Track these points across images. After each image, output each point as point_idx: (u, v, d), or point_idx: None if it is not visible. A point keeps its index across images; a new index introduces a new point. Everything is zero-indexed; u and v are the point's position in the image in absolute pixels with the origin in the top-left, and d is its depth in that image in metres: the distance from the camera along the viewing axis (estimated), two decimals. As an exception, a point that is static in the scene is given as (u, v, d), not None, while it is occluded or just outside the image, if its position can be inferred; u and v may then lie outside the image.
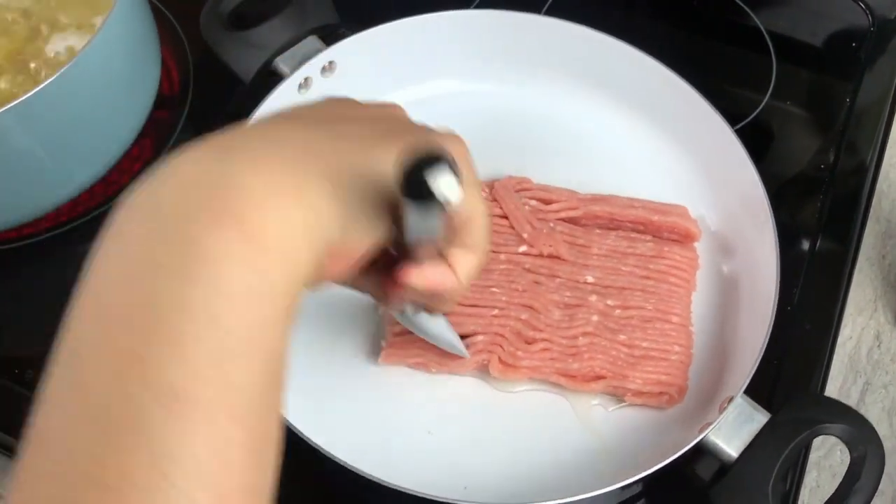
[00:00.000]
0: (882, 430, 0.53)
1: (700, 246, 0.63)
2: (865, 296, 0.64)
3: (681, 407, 0.57)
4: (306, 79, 0.63)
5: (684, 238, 0.62)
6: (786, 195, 0.65)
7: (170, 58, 0.71)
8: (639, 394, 0.56)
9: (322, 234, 0.34)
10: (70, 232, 0.63)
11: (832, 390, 0.59)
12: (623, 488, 0.50)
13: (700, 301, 0.61)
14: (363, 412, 0.56)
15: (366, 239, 0.37)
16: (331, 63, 0.63)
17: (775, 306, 0.54)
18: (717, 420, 0.50)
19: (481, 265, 0.43)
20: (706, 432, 0.50)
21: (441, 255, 0.42)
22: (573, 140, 0.67)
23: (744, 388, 0.51)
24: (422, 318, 0.51)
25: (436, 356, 0.56)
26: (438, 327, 0.52)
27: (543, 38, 0.65)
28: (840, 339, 0.61)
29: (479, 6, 0.70)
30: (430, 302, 0.48)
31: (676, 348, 0.57)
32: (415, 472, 0.51)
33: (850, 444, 0.48)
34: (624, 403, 0.57)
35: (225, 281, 0.30)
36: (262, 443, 0.30)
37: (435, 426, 0.56)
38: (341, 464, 0.49)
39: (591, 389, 0.57)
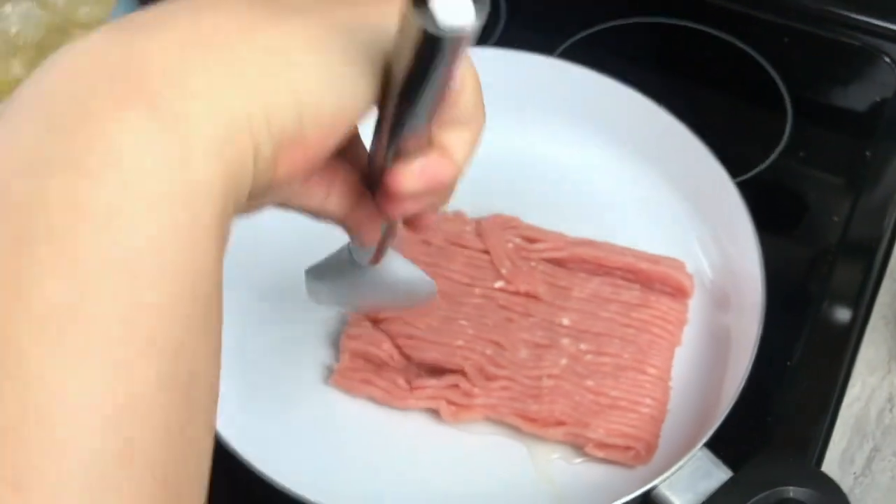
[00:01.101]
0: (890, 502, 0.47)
1: (695, 302, 0.58)
2: (879, 355, 0.58)
3: (649, 467, 0.51)
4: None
5: (676, 292, 0.58)
6: (793, 249, 0.62)
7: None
8: (601, 445, 0.52)
9: (277, 117, 0.27)
10: None
11: (834, 454, 0.53)
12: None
13: (687, 359, 0.56)
14: (307, 437, 0.53)
15: (349, 99, 0.29)
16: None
17: (754, 353, 0.49)
18: (670, 472, 0.45)
19: (478, 139, 0.36)
20: (654, 483, 0.45)
21: (428, 144, 0.34)
22: (570, 185, 0.64)
23: (705, 439, 0.46)
24: (389, 258, 0.44)
25: (382, 392, 0.53)
26: (402, 268, 0.47)
27: (547, 79, 0.64)
28: (847, 400, 0.55)
29: (496, 44, 0.70)
30: (427, 206, 0.37)
31: (648, 401, 0.53)
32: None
33: (814, 509, 0.42)
34: (586, 458, 0.52)
35: (130, 174, 0.24)
36: (180, 393, 0.24)
37: (380, 460, 0.53)
38: (266, 479, 0.46)
39: (550, 436, 0.52)
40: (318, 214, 0.37)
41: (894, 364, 0.59)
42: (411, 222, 0.40)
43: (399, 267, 0.48)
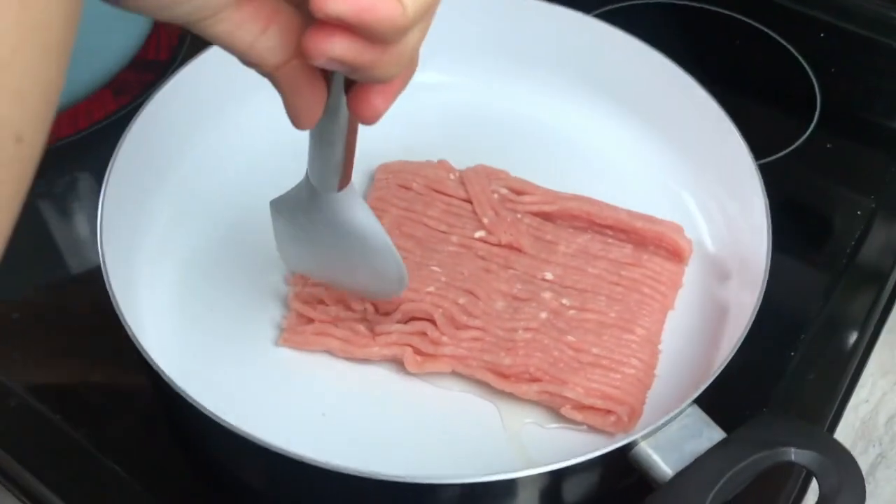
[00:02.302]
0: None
1: (693, 270, 0.53)
2: (894, 358, 0.53)
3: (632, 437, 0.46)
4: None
5: (673, 255, 0.53)
6: (814, 234, 0.58)
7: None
8: (579, 407, 0.46)
9: None
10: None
11: None
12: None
13: (680, 326, 0.51)
14: (263, 394, 0.48)
15: None
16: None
17: (749, 324, 0.44)
18: (653, 426, 0.40)
19: None
20: (634, 437, 0.40)
21: None
22: (567, 142, 0.60)
23: (695, 396, 0.41)
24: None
25: (339, 342, 0.48)
26: (373, 234, 0.43)
27: (551, 29, 0.60)
28: (853, 401, 0.50)
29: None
30: (361, 58, 0.30)
31: (634, 361, 0.47)
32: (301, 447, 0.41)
33: (819, 474, 0.37)
34: (562, 424, 0.47)
35: None
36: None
37: (341, 414, 0.47)
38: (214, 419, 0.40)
39: (523, 394, 0.47)
40: (246, 57, 0.32)
41: (911, 369, 0.54)
42: (356, 103, 0.34)
43: (365, 222, 0.43)
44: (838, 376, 0.50)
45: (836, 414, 0.49)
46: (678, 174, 0.58)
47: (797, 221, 0.58)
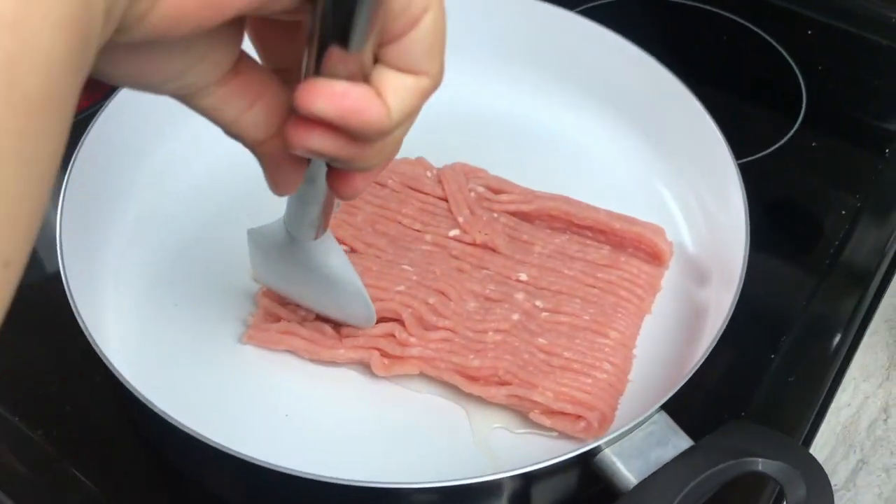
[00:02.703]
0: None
1: (673, 273, 0.52)
2: (878, 361, 0.51)
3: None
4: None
5: (651, 258, 0.51)
6: (798, 233, 0.56)
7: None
8: (548, 411, 0.45)
9: None
10: None
11: None
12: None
13: (657, 331, 0.50)
14: (225, 395, 0.47)
15: None
16: None
17: (724, 325, 0.42)
18: (617, 432, 0.39)
19: (425, 93, 0.30)
20: (597, 443, 0.38)
21: (364, 79, 0.29)
22: (548, 143, 0.59)
23: (661, 403, 0.39)
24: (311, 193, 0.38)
25: (305, 343, 0.47)
26: (342, 273, 0.43)
27: (533, 25, 0.59)
28: (835, 405, 0.48)
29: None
30: (343, 153, 0.30)
31: (606, 366, 0.46)
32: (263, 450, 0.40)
33: (787, 485, 0.36)
34: (532, 429, 0.46)
35: None
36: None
37: (295, 411, 0.46)
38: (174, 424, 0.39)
39: (492, 397, 0.46)
40: (231, 129, 0.32)
41: (894, 371, 0.52)
42: (335, 181, 0.34)
43: (339, 268, 0.43)
44: (820, 379, 0.49)
45: (817, 418, 0.47)
46: (660, 172, 0.57)
47: (781, 220, 0.57)
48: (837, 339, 0.50)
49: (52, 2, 0.21)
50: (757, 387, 0.48)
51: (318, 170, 0.36)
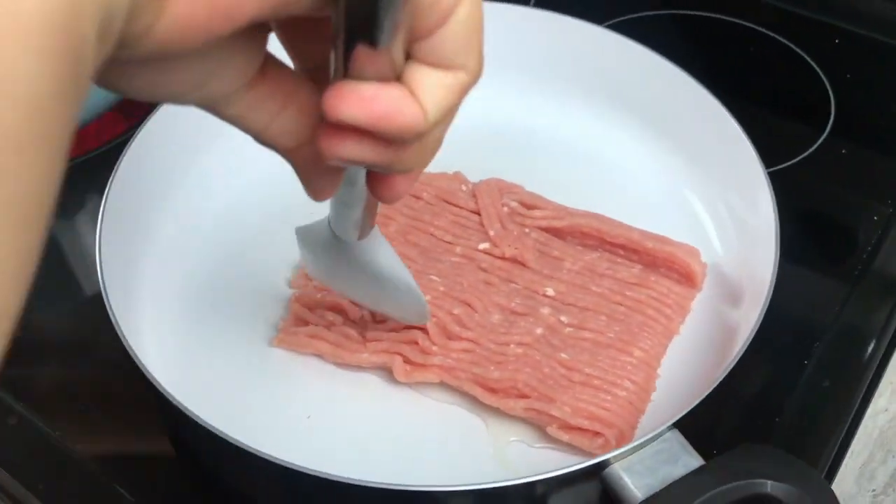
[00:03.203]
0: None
1: (706, 296, 0.51)
2: (918, 363, 0.50)
3: (620, 461, 0.44)
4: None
5: (685, 279, 0.51)
6: (830, 242, 0.56)
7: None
8: (566, 426, 0.45)
9: None
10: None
11: (852, 467, 0.46)
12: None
13: (689, 350, 0.49)
14: (253, 396, 0.48)
15: None
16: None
17: (748, 340, 0.42)
18: (627, 447, 0.38)
19: (464, 90, 0.28)
20: (606, 456, 0.38)
21: (396, 78, 0.27)
22: (584, 158, 0.59)
23: (676, 418, 0.39)
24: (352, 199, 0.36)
25: (330, 347, 0.48)
26: (392, 269, 0.43)
27: (565, 40, 0.59)
28: (872, 410, 0.48)
29: (536, 5, 0.65)
30: (379, 159, 0.29)
31: (627, 383, 0.45)
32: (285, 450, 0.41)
33: (793, 510, 0.35)
34: (549, 444, 0.45)
35: None
36: None
37: (328, 420, 0.47)
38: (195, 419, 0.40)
39: (510, 409, 0.46)
40: (261, 137, 0.30)
41: (932, 374, 0.51)
42: (375, 184, 0.33)
43: (388, 266, 0.43)
44: (854, 387, 0.48)
45: (852, 425, 0.46)
46: (692, 185, 0.56)
47: (812, 229, 0.56)
48: (871, 346, 0.49)
49: (28, 29, 0.19)
50: (790, 396, 0.48)
51: (357, 172, 0.34)
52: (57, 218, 0.59)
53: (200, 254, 0.53)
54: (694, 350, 0.49)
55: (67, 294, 0.55)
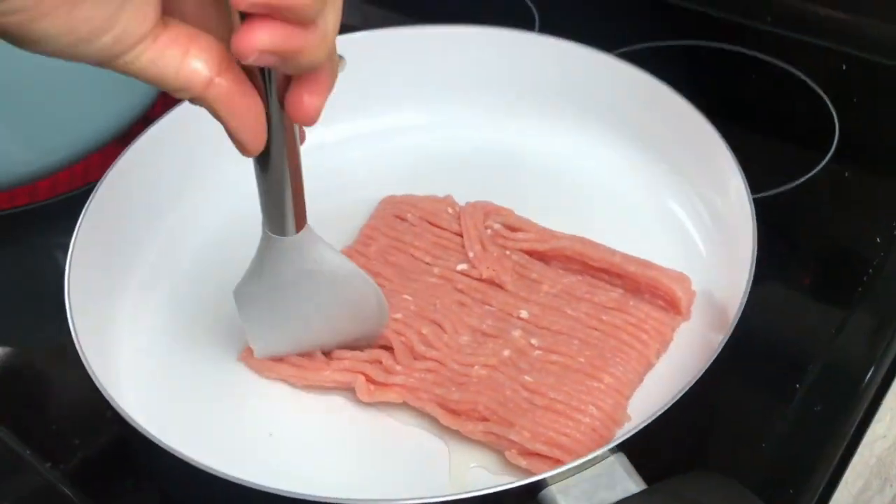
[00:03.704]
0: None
1: (694, 326, 0.49)
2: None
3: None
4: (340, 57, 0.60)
5: (670, 305, 0.48)
6: (830, 265, 0.54)
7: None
8: (524, 452, 0.43)
9: None
10: (40, 211, 0.61)
11: (846, 496, 0.42)
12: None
13: (672, 379, 0.46)
14: (219, 416, 0.47)
15: None
16: (340, 58, 0.60)
17: (715, 354, 0.40)
18: (563, 468, 0.36)
19: None
20: (541, 476, 0.36)
21: None
22: (578, 182, 0.58)
23: (613, 444, 0.37)
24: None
25: (294, 369, 0.47)
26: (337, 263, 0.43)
27: (565, 66, 0.58)
28: (869, 437, 0.45)
29: (541, 31, 0.65)
30: (288, 44, 0.31)
31: (592, 409, 0.43)
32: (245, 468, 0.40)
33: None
34: (510, 472, 0.43)
35: None
36: None
37: (280, 432, 0.46)
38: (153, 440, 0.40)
39: (469, 432, 0.44)
40: (173, 83, 0.32)
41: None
42: (291, 104, 0.35)
43: (331, 259, 0.43)
44: (850, 411, 0.45)
45: (847, 451, 0.44)
46: (687, 210, 0.55)
47: (812, 252, 0.55)
48: (871, 371, 0.46)
49: None
50: (779, 421, 0.46)
51: (278, 121, 0.36)
52: (57, 247, 0.55)
53: (173, 280, 0.54)
54: (677, 379, 0.46)
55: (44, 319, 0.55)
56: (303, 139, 0.39)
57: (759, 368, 0.46)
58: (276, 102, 0.35)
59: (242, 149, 0.36)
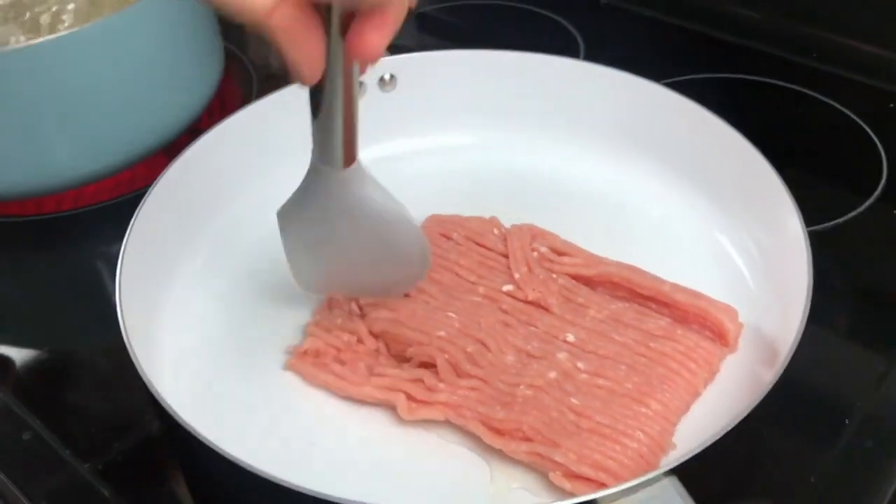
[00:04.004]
0: None
1: (744, 355, 0.48)
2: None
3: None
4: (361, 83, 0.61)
5: (717, 337, 0.48)
6: (872, 300, 0.53)
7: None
8: (569, 474, 0.42)
9: None
10: (85, 217, 0.62)
11: None
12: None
13: (718, 412, 0.46)
14: (264, 422, 0.47)
15: None
16: (391, 77, 0.61)
17: (768, 388, 0.39)
18: (616, 489, 0.36)
19: None
20: (593, 496, 0.35)
21: None
22: (627, 211, 0.58)
23: (669, 467, 0.36)
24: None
25: (335, 379, 0.47)
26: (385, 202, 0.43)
27: (616, 95, 0.58)
28: None
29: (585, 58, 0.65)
30: None
31: (640, 435, 0.43)
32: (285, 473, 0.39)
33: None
34: (553, 495, 0.43)
35: None
36: None
37: (320, 439, 0.46)
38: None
39: (512, 451, 0.44)
40: (238, 7, 0.32)
41: None
42: (355, 40, 0.34)
43: (378, 197, 0.43)
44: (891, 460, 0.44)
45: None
46: (735, 243, 0.54)
47: (857, 291, 0.54)
48: None
49: None
50: (826, 455, 0.45)
51: (336, 52, 0.36)
52: (102, 256, 0.55)
53: (221, 284, 0.54)
54: (723, 411, 0.46)
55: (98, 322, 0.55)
56: (362, 71, 0.39)
57: (805, 402, 0.45)
58: (337, 36, 0.35)
59: (299, 77, 0.36)
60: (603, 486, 0.41)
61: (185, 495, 0.46)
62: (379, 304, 0.49)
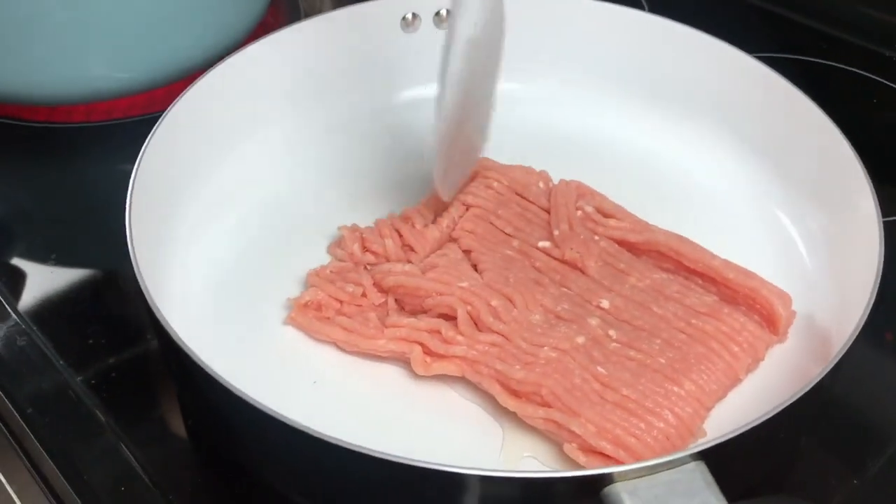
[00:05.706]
0: None
1: (794, 344, 0.44)
2: None
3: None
4: (414, 15, 0.57)
5: (767, 322, 0.44)
6: None
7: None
8: (585, 447, 0.38)
9: None
10: (113, 129, 0.59)
11: None
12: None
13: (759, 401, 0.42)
14: (258, 347, 0.45)
15: None
16: (448, 13, 0.57)
17: (813, 382, 0.35)
18: (635, 465, 0.32)
19: None
20: (607, 470, 0.32)
21: None
22: (671, 178, 0.54)
23: (696, 449, 0.32)
24: None
25: (344, 333, 0.44)
26: None
27: (691, 58, 0.54)
28: None
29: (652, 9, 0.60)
30: None
31: (668, 415, 0.39)
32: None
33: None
34: (564, 466, 0.39)
35: None
36: None
37: (322, 379, 0.43)
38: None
39: (527, 416, 0.40)
40: None
41: None
42: None
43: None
44: None
45: None
46: (797, 226, 0.50)
47: None
48: None
49: None
50: (875, 456, 0.42)
51: None
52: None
53: (234, 216, 0.51)
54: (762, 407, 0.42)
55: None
56: None
57: (852, 405, 0.40)
58: None
59: None
60: (620, 464, 0.38)
61: (174, 421, 0.43)
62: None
